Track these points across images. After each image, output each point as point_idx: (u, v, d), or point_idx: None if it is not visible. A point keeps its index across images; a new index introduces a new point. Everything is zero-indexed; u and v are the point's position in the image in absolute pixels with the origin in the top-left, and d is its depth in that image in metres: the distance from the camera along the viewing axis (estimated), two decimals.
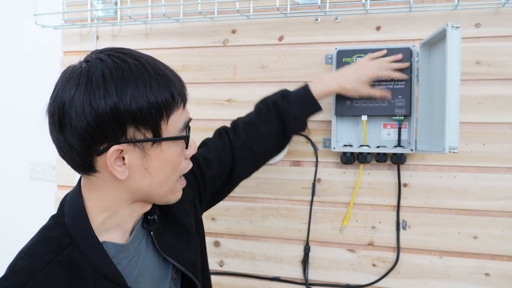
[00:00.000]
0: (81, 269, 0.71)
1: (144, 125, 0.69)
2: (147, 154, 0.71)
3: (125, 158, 0.70)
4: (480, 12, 1.21)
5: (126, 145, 0.69)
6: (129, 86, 0.67)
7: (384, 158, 1.25)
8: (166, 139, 0.72)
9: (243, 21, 1.39)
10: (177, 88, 0.73)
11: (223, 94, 1.42)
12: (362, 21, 1.30)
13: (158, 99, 0.69)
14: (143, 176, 0.72)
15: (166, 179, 0.75)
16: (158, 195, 0.77)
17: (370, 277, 1.30)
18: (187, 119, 0.76)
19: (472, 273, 1.23)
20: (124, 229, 0.78)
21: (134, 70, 0.69)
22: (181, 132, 0.74)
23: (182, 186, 0.81)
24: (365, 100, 1.22)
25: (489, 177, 1.22)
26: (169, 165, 0.74)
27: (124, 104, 0.66)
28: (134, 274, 0.78)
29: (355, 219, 1.31)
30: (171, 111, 0.71)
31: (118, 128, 0.67)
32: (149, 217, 0.82)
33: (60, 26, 1.53)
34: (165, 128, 0.71)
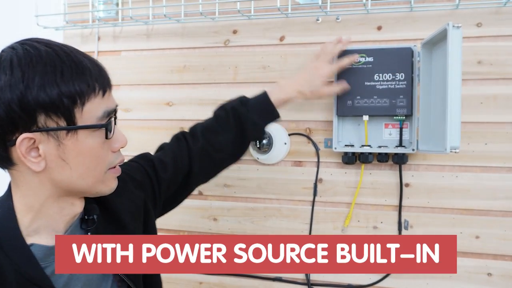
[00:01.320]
0: (4, 272, 0.67)
1: (55, 113, 0.66)
2: (62, 143, 0.68)
3: (39, 149, 0.67)
4: (481, 11, 1.21)
5: (38, 134, 0.66)
6: (36, 73, 0.65)
7: (385, 158, 1.25)
8: (81, 128, 0.68)
9: (244, 22, 1.40)
10: (94, 75, 0.70)
11: (224, 95, 1.42)
12: (363, 21, 1.30)
13: (70, 86, 0.66)
14: (62, 168, 0.69)
15: (88, 171, 0.71)
16: (83, 188, 0.73)
17: (372, 277, 1.30)
18: (108, 109, 0.72)
19: (474, 273, 1.23)
20: (55, 230, 0.74)
21: (45, 57, 0.66)
22: (99, 121, 0.70)
23: (115, 175, 0.77)
24: (367, 100, 1.22)
25: (491, 177, 1.22)
26: (88, 156, 0.70)
27: (32, 91, 0.64)
28: (65, 277, 0.74)
29: (357, 219, 1.31)
30: (86, 99, 0.68)
31: (27, 117, 0.65)
32: (87, 217, 0.78)
33: (62, 27, 1.54)
34: (80, 116, 0.68)
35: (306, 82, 1.12)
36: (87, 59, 0.71)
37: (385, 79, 1.20)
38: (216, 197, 1.43)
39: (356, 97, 1.22)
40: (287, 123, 1.36)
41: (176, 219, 1.45)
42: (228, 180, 1.41)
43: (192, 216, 1.45)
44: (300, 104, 1.34)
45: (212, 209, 1.43)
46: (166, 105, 1.47)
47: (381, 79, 1.21)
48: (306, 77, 1.13)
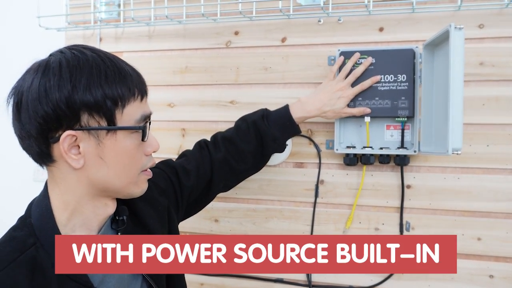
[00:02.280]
0: (45, 268, 0.71)
1: (98, 113, 0.70)
2: (101, 143, 0.72)
3: (80, 146, 0.71)
4: (484, 13, 1.21)
5: (80, 133, 0.70)
6: (83, 75, 0.69)
7: (387, 159, 1.24)
8: (120, 128, 0.72)
9: (245, 23, 1.40)
10: (134, 81, 0.75)
11: (226, 96, 1.42)
12: (365, 22, 1.30)
13: (113, 88, 0.71)
14: (99, 166, 0.73)
15: (123, 170, 0.75)
16: (117, 187, 0.76)
17: (374, 279, 1.29)
18: (145, 113, 0.76)
19: (476, 275, 1.22)
20: (89, 228, 0.77)
21: (91, 60, 0.71)
22: (137, 124, 0.75)
23: (147, 177, 0.81)
24: (368, 101, 1.22)
25: (493, 179, 1.21)
26: (125, 156, 0.74)
27: (78, 91, 0.69)
28: (101, 275, 0.77)
29: (359, 220, 1.31)
30: (126, 102, 0.73)
31: (72, 115, 0.69)
32: (118, 218, 0.82)
33: (64, 28, 1.54)
34: (120, 118, 0.72)
35: (329, 102, 1.15)
36: (127, 65, 0.76)
37: (387, 81, 1.20)
38: (217, 198, 1.41)
39: (358, 98, 1.22)
40: None
41: None
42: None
43: (193, 217, 1.43)
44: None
45: (214, 210, 1.43)
46: (167, 106, 1.47)
47: (382, 80, 1.20)
48: (329, 97, 1.15)
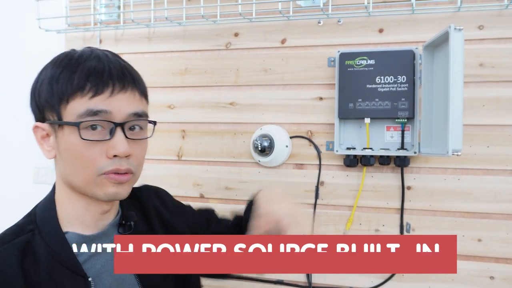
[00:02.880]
0: (38, 253, 0.73)
1: (50, 107, 0.73)
2: (57, 137, 0.74)
3: (50, 139, 0.75)
4: (483, 14, 1.21)
5: (46, 126, 0.74)
6: (48, 70, 0.74)
7: (387, 160, 1.24)
8: (61, 123, 0.72)
9: (245, 24, 1.40)
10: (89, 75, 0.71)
11: (225, 97, 1.42)
12: (365, 24, 1.30)
13: (60, 84, 0.71)
14: (59, 160, 0.76)
15: (75, 168, 0.72)
16: (77, 185, 0.74)
17: (374, 280, 1.29)
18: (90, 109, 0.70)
19: (476, 276, 1.22)
20: (84, 223, 0.78)
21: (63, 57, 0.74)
22: (78, 119, 0.70)
23: (112, 181, 0.73)
24: (368, 102, 1.22)
25: (493, 180, 1.21)
26: (71, 153, 0.72)
27: (39, 87, 0.74)
28: (96, 269, 0.77)
29: (359, 222, 1.31)
30: (70, 96, 0.71)
31: (37, 109, 0.75)
32: (124, 222, 0.83)
33: (64, 30, 1.54)
34: (64, 113, 0.72)
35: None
36: (98, 62, 0.72)
37: (387, 82, 1.20)
38: (217, 199, 1.43)
39: (358, 100, 1.22)
40: (288, 126, 1.36)
41: None
42: (230, 183, 1.41)
43: None
44: (301, 107, 1.34)
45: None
46: (167, 108, 1.47)
47: (382, 81, 1.20)
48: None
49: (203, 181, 1.44)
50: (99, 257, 0.78)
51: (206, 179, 1.43)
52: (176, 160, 1.46)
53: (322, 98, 1.33)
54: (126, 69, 0.76)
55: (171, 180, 1.46)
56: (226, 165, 1.42)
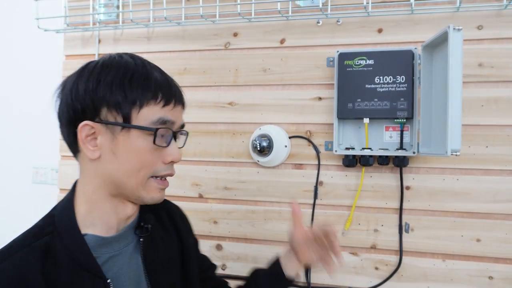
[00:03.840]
0: (57, 257, 0.73)
1: (116, 110, 0.74)
2: (116, 138, 0.75)
3: (97, 139, 0.75)
4: (482, 14, 1.21)
5: (98, 125, 0.74)
6: (110, 73, 0.74)
7: (386, 161, 1.24)
8: (132, 127, 0.74)
9: (244, 24, 1.40)
10: (160, 86, 0.77)
11: (224, 97, 1.42)
12: (364, 24, 1.30)
13: (133, 89, 0.74)
14: (111, 160, 0.76)
15: (132, 170, 0.76)
16: (126, 186, 0.77)
17: (373, 281, 1.29)
18: (166, 118, 0.77)
19: (475, 276, 1.22)
20: (108, 225, 0.79)
21: (123, 63, 0.76)
22: (152, 126, 0.76)
23: (159, 187, 0.81)
24: (367, 102, 1.22)
25: (492, 180, 1.21)
26: (135, 155, 0.76)
27: (101, 87, 0.74)
28: (114, 271, 0.78)
29: (358, 222, 1.31)
30: (144, 103, 0.75)
31: (93, 108, 0.74)
32: (142, 225, 0.85)
33: (62, 30, 1.54)
34: (135, 117, 0.75)
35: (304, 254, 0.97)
36: (160, 73, 0.80)
37: (386, 82, 1.20)
38: (216, 200, 1.43)
39: (357, 100, 1.22)
40: (287, 126, 1.36)
41: None
42: (229, 183, 1.41)
43: (192, 219, 1.43)
44: (300, 107, 1.34)
45: (213, 212, 1.43)
46: None
47: (381, 81, 1.20)
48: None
49: (202, 181, 1.44)
50: (117, 259, 0.79)
51: (205, 179, 1.43)
52: None
53: (321, 98, 1.33)
54: (176, 83, 0.83)
55: (170, 179, 1.46)
56: (225, 165, 1.42)
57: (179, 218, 0.98)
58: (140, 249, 0.83)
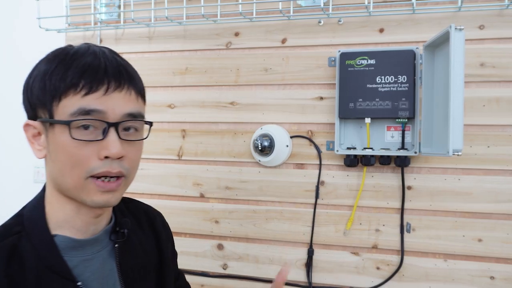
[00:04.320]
0: (24, 257, 0.69)
1: (43, 105, 0.69)
2: (47, 136, 0.70)
3: (41, 138, 0.72)
4: (484, 14, 1.21)
5: (37, 124, 0.71)
6: (42, 65, 0.71)
7: (388, 160, 1.24)
8: (52, 121, 0.68)
9: (246, 24, 1.39)
10: (84, 71, 0.68)
11: (226, 97, 1.42)
12: (365, 24, 1.30)
13: (53, 80, 0.68)
14: (49, 160, 0.72)
15: (65, 168, 0.69)
16: (65, 187, 0.71)
17: (374, 280, 1.29)
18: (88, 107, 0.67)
19: (477, 276, 1.22)
20: (75, 227, 0.74)
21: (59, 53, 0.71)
22: (70, 118, 0.67)
23: (99, 189, 0.70)
24: (369, 102, 1.22)
25: (493, 180, 1.21)
26: (62, 152, 0.68)
27: (31, 82, 0.71)
28: (86, 276, 0.74)
29: (359, 221, 1.30)
30: (63, 94, 0.67)
31: (29, 105, 0.71)
32: (118, 229, 0.80)
33: (64, 29, 1.54)
34: (56, 110, 0.68)
35: None
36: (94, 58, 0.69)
37: (387, 82, 1.20)
38: (217, 199, 1.43)
39: (358, 100, 1.22)
40: (288, 126, 1.36)
41: (178, 221, 1.45)
42: (230, 183, 1.41)
43: (193, 219, 1.45)
44: (302, 107, 1.34)
45: (214, 212, 1.43)
46: (168, 108, 1.47)
47: (383, 81, 1.20)
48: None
49: (203, 180, 1.44)
50: (89, 264, 0.74)
51: (206, 178, 1.43)
52: (176, 159, 1.46)
53: (323, 98, 1.33)
54: (123, 66, 0.72)
55: (171, 179, 1.46)
56: (227, 164, 1.42)
57: (160, 224, 0.93)
58: (115, 256, 0.78)
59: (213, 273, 1.43)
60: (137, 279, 0.81)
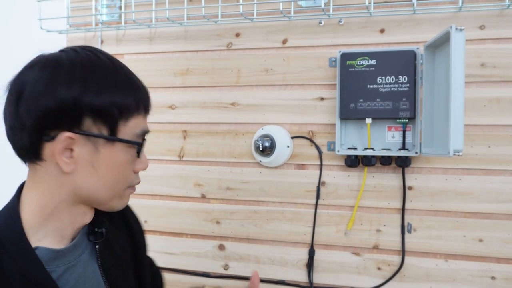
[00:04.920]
0: (7, 275, 0.65)
1: (102, 120, 0.67)
2: (98, 151, 0.68)
3: (74, 150, 0.67)
4: (484, 14, 1.21)
5: (78, 136, 0.66)
6: (95, 79, 0.67)
7: (388, 161, 1.24)
8: (121, 141, 0.70)
9: (247, 25, 1.40)
10: (143, 95, 0.73)
11: (227, 98, 1.42)
12: (366, 24, 1.30)
13: (122, 99, 0.69)
14: (89, 175, 0.69)
15: (112, 183, 0.72)
16: (101, 199, 0.73)
17: (375, 281, 1.29)
18: (145, 129, 0.74)
19: (477, 277, 1.22)
20: (61, 235, 0.73)
21: (105, 66, 0.69)
22: (136, 139, 0.72)
23: (131, 193, 0.78)
24: (369, 102, 1.22)
25: (494, 180, 1.21)
26: (117, 170, 0.71)
27: (88, 95, 0.65)
28: (72, 283, 0.73)
29: (360, 222, 1.31)
30: (131, 115, 0.70)
31: (75, 117, 0.66)
32: (96, 230, 0.78)
33: (65, 30, 1.54)
34: (122, 130, 0.69)
35: None
36: (137, 78, 0.74)
37: (388, 82, 1.20)
38: (218, 200, 1.43)
39: (359, 100, 1.22)
40: (289, 126, 1.36)
41: (179, 222, 1.45)
42: (231, 183, 1.41)
43: (194, 219, 1.45)
44: (302, 107, 1.34)
45: (215, 212, 1.43)
46: (169, 108, 1.47)
47: (384, 82, 1.21)
48: None
49: (205, 181, 1.44)
50: (73, 271, 0.73)
51: (207, 179, 1.44)
52: (178, 160, 1.47)
53: (323, 98, 1.33)
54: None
55: (172, 180, 1.47)
56: (228, 165, 1.42)
57: (131, 216, 0.93)
58: (97, 256, 0.78)
59: (214, 273, 1.43)
60: (119, 276, 0.81)
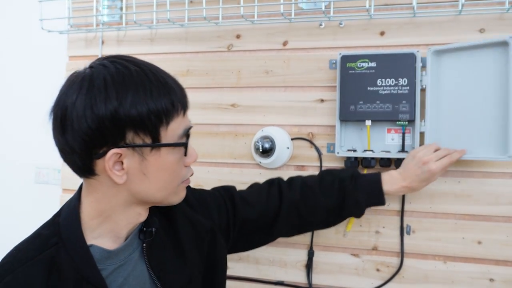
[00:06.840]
0: (62, 270, 0.72)
1: (143, 130, 0.70)
2: (145, 159, 0.72)
3: (123, 163, 0.71)
4: (484, 17, 1.21)
5: (125, 150, 0.70)
6: (129, 92, 0.69)
7: (388, 163, 1.25)
8: (165, 145, 0.73)
9: (247, 26, 1.40)
10: (178, 95, 0.75)
11: (227, 99, 1.42)
12: (366, 26, 1.30)
13: (158, 105, 0.71)
14: (141, 181, 0.74)
15: (164, 184, 0.76)
16: (157, 200, 0.78)
17: (374, 282, 1.30)
18: (187, 127, 0.77)
19: (476, 279, 1.23)
20: (117, 235, 0.78)
21: (135, 76, 0.71)
22: (180, 139, 0.75)
23: (186, 185, 0.82)
24: (369, 105, 1.22)
25: (493, 182, 1.21)
26: (167, 171, 0.75)
27: (124, 109, 0.68)
28: (119, 282, 0.77)
29: (359, 223, 1.31)
30: (171, 118, 0.73)
31: (117, 132, 0.69)
32: (145, 229, 0.82)
33: (66, 31, 1.54)
34: (164, 134, 0.73)
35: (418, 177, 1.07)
36: (170, 78, 0.77)
37: (388, 84, 1.21)
38: None
39: (359, 102, 1.22)
40: (289, 128, 1.36)
41: None
42: (231, 184, 1.41)
43: None
44: (302, 109, 1.35)
45: None
46: None
47: (384, 84, 1.21)
48: (418, 172, 1.06)
49: (204, 182, 1.44)
50: (121, 269, 0.78)
51: (207, 180, 1.44)
52: None
53: (324, 100, 1.33)
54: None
55: None
56: (227, 166, 1.42)
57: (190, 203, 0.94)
58: (144, 255, 0.81)
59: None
60: (171, 271, 0.84)
